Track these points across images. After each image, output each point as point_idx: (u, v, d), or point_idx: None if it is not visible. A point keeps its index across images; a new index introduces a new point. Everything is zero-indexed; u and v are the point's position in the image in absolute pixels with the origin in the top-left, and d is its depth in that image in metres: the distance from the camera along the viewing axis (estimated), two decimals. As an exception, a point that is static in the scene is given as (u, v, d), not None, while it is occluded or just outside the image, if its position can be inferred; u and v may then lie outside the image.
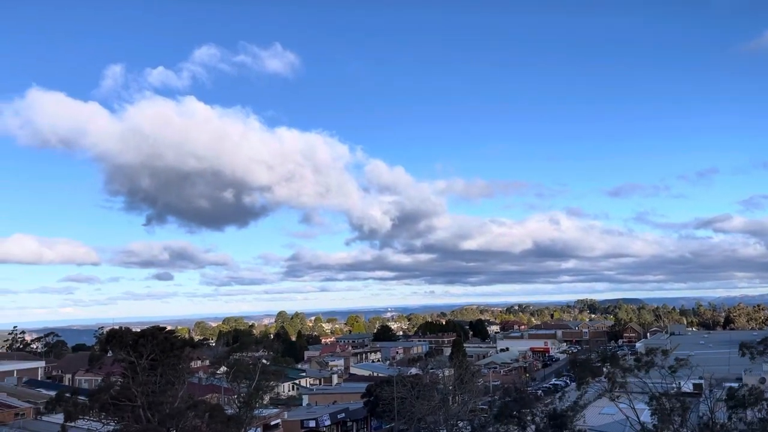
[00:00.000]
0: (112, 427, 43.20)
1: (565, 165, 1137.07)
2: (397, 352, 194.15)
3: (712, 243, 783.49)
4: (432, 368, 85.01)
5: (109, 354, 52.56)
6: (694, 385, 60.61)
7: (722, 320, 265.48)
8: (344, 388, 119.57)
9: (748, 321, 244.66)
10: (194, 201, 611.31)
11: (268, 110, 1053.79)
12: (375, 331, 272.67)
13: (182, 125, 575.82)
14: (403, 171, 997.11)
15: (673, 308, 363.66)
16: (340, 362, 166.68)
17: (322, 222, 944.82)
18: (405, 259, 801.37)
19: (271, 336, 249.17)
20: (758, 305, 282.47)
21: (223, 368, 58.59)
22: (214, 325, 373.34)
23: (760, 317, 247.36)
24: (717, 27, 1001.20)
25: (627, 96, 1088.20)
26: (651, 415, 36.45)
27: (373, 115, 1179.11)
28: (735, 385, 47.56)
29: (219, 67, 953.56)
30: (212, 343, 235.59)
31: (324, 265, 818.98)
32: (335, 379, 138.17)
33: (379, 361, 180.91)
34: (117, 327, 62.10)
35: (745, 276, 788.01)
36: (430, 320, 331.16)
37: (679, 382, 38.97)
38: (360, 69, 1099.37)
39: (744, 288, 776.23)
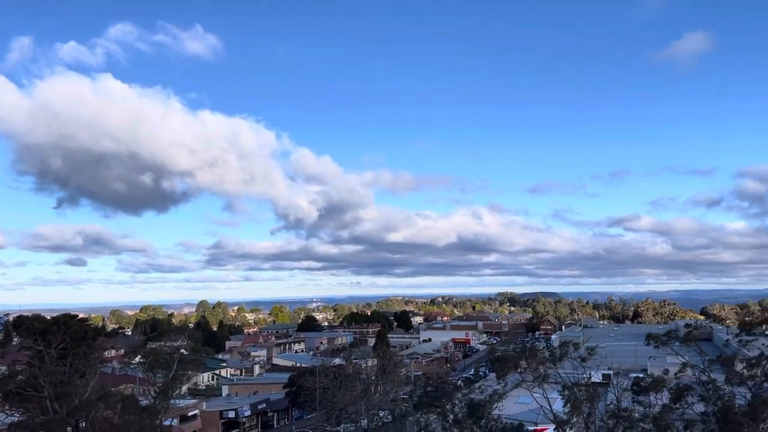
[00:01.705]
0: (17, 419, 40.89)
1: (487, 161, 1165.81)
2: (321, 343, 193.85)
3: (623, 241, 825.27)
4: (355, 358, 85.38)
5: (15, 342, 49.72)
6: (603, 375, 63.54)
7: (631, 314, 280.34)
8: (266, 378, 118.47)
9: (654, 315, 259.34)
10: (110, 184, 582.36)
11: (190, 92, 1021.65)
12: (300, 321, 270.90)
13: (97, 104, 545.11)
14: (330, 161, 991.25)
15: (587, 302, 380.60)
16: (263, 353, 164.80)
17: (247, 210, 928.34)
18: (332, 249, 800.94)
19: (192, 325, 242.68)
20: (664, 301, 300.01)
21: (139, 358, 56.67)
22: (130, 313, 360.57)
23: (666, 312, 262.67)
24: (631, 37, 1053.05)
25: (547, 98, 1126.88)
26: (563, 405, 37.90)
27: (300, 103, 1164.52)
28: (640, 374, 50.26)
29: (136, 45, 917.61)
30: (128, 332, 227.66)
31: (248, 254, 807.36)
32: (257, 369, 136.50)
33: (302, 351, 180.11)
34: (25, 314, 58.84)
35: (653, 273, 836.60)
36: (355, 311, 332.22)
37: (590, 373, 40.72)
38: (286, 55, 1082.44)
39: (652, 284, 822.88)
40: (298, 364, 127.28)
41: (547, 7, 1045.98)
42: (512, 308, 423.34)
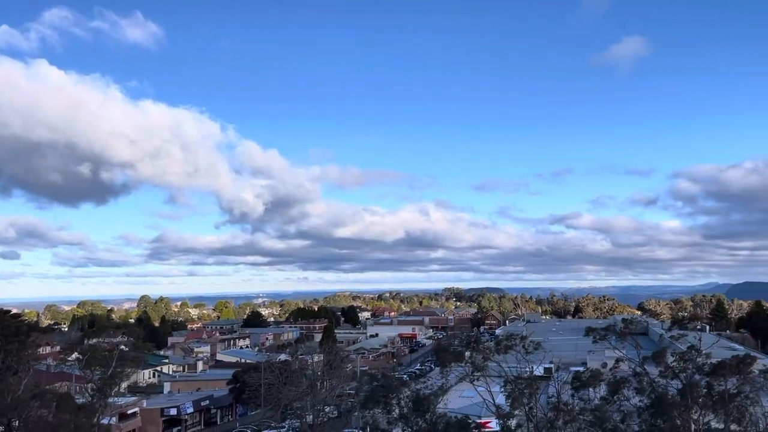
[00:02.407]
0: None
1: (435, 159, 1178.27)
2: (267, 339, 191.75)
3: (565, 238, 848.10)
4: (301, 354, 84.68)
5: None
6: (545, 368, 65.11)
7: (572, 309, 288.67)
8: (210, 374, 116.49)
9: (594, 310, 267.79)
10: (45, 174, 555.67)
11: (131, 81, 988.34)
12: (245, 317, 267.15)
13: (31, 91, 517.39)
14: (277, 154, 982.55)
15: (531, 297, 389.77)
16: (207, 349, 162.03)
17: (190, 203, 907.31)
18: (278, 244, 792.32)
19: (132, 321, 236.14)
20: (604, 296, 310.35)
21: (76, 355, 54.71)
22: (67, 308, 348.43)
23: (605, 307, 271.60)
24: (573, 40, 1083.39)
25: (492, 97, 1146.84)
26: (506, 398, 38.65)
27: (246, 95, 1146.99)
28: (580, 368, 51.77)
29: (72, 31, 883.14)
30: (65, 328, 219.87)
31: (191, 248, 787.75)
32: (200, 365, 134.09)
33: (248, 347, 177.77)
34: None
35: (593, 269, 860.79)
36: (302, 306, 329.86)
37: (532, 366, 41.67)
38: (230, 46, 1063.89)
39: (592, 280, 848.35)
40: (243, 360, 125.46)
41: (494, 9, 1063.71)
42: (458, 303, 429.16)
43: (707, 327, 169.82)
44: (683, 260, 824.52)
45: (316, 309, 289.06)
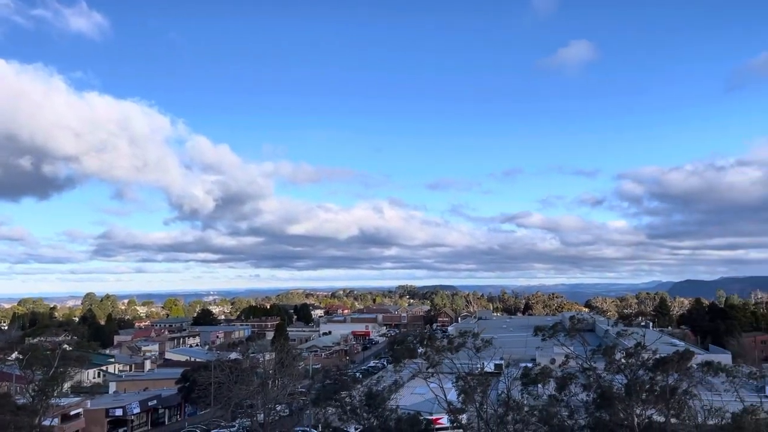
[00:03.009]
0: None
1: (389, 157, 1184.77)
2: (217, 337, 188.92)
3: (515, 236, 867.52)
4: (253, 352, 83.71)
5: None
6: (495, 365, 66.04)
7: (523, 306, 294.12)
8: (158, 374, 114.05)
9: (543, 307, 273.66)
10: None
11: (75, 72, 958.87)
12: (195, 315, 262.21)
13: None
14: (228, 149, 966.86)
15: (482, 295, 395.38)
16: (155, 347, 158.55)
17: (138, 198, 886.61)
18: (229, 241, 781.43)
19: (77, 319, 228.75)
20: (553, 294, 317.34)
21: (16, 354, 52.66)
22: (7, 306, 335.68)
23: (554, 304, 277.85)
24: (521, 42, 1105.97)
25: (445, 96, 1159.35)
26: (457, 394, 39.02)
27: (197, 89, 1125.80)
28: (529, 364, 52.75)
29: (13, 19, 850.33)
30: (5, 326, 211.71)
31: (140, 244, 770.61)
32: (148, 364, 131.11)
33: (198, 345, 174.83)
34: None
35: (542, 267, 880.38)
36: (254, 304, 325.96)
37: (483, 363, 42.19)
38: (179, 38, 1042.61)
39: (542, 278, 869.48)
40: (193, 359, 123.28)
41: (445, 8, 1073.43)
42: (412, 301, 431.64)
43: (651, 324, 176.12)
44: (629, 259, 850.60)
45: (268, 307, 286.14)
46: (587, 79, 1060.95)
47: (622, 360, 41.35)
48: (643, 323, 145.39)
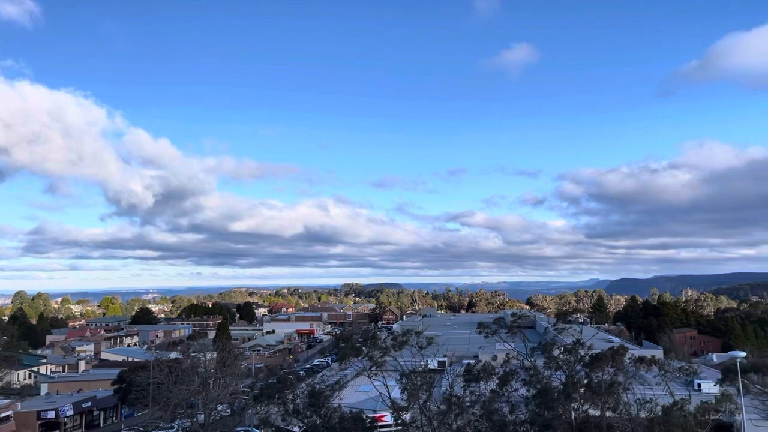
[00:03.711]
0: None
1: (334, 154, 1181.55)
2: (157, 336, 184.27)
3: (460, 235, 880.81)
4: (194, 352, 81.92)
5: None
6: (439, 362, 66.84)
7: (466, 304, 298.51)
8: (93, 375, 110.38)
9: (486, 305, 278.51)
10: None
11: (6, 59, 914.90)
12: (133, 313, 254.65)
13: None
14: (168, 144, 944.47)
15: (427, 293, 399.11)
16: (90, 347, 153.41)
17: (73, 193, 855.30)
18: (170, 238, 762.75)
19: (6, 318, 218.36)
20: (495, 291, 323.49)
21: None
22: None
23: (497, 302, 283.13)
24: (464, 44, 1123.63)
25: (391, 95, 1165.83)
26: (401, 392, 39.17)
27: (135, 80, 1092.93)
28: (472, 361, 53.49)
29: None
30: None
31: (74, 241, 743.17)
32: (83, 365, 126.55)
33: (136, 345, 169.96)
34: None
35: (486, 265, 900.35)
36: (195, 303, 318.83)
37: (427, 360, 42.53)
38: (117, 28, 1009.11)
39: (485, 276, 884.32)
40: (131, 359, 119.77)
41: (390, 8, 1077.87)
42: (357, 299, 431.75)
43: (588, 320, 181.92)
44: (568, 258, 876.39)
45: (210, 305, 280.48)
46: (529, 82, 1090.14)
47: (561, 356, 42.45)
48: (581, 320, 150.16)
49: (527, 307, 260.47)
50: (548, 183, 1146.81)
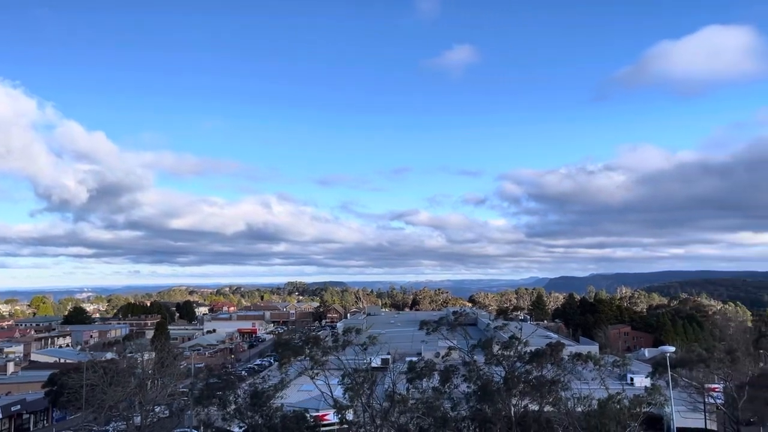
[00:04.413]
0: None
1: (277, 150, 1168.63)
2: (91, 336, 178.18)
3: (404, 234, 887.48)
4: (130, 352, 79.55)
5: None
6: (382, 360, 66.98)
7: (410, 302, 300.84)
8: (22, 377, 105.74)
9: (430, 303, 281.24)
10: None
11: None
12: (66, 313, 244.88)
13: None
14: (104, 137, 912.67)
15: (372, 291, 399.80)
16: (19, 348, 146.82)
17: (0, 188, 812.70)
18: (105, 235, 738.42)
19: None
20: (439, 289, 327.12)
21: None
22: None
23: (440, 300, 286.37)
24: (407, 44, 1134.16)
25: (331, 93, 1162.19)
26: (344, 391, 39.07)
27: (68, 70, 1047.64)
28: (415, 359, 53.88)
29: None
30: None
31: (2, 237, 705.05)
32: (11, 367, 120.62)
33: (69, 346, 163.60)
34: None
35: (430, 264, 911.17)
36: (133, 302, 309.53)
37: (370, 358, 42.54)
38: (48, 15, 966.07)
39: (429, 274, 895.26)
40: (63, 360, 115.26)
41: (332, 6, 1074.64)
42: (301, 297, 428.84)
43: (528, 317, 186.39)
44: (509, 256, 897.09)
45: (148, 304, 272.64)
46: (471, 82, 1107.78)
47: (500, 352, 43.29)
48: (521, 317, 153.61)
49: (470, 304, 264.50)
50: (490, 183, 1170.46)
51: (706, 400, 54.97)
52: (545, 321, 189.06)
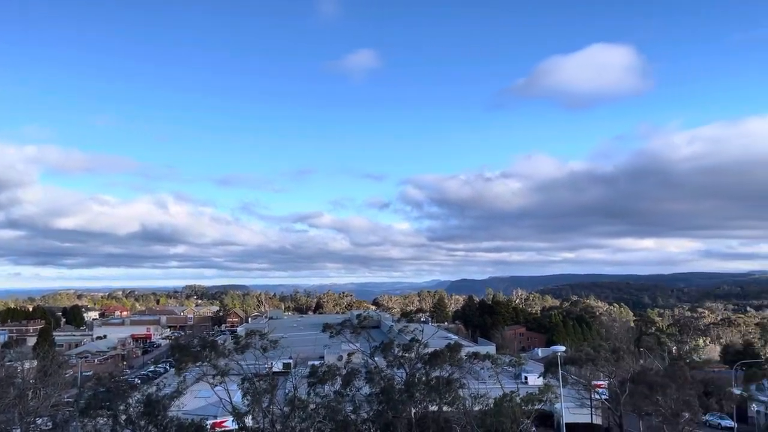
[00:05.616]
0: None
1: (174, 148, 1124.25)
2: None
3: (308, 236, 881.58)
4: (10, 361, 74.03)
5: None
6: (284, 364, 66.07)
7: (314, 305, 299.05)
8: None
9: (334, 306, 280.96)
10: None
11: None
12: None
13: None
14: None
15: (275, 294, 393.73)
16: None
17: None
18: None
19: None
20: (343, 292, 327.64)
21: None
22: None
23: (344, 302, 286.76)
24: (308, 46, 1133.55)
25: (235, 91, 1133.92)
26: (243, 396, 38.16)
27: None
28: (318, 362, 53.56)
29: None
30: None
31: None
32: None
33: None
34: None
35: (334, 266, 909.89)
36: (13, 306, 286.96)
37: (272, 363, 41.83)
38: None
39: (333, 277, 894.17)
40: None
41: (231, 6, 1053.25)
42: (200, 301, 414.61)
43: (430, 319, 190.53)
44: (412, 259, 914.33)
45: (30, 309, 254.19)
46: (373, 86, 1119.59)
47: (400, 354, 43.90)
48: (423, 319, 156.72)
49: (374, 307, 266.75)
50: (393, 187, 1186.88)
51: (593, 396, 58.44)
52: (446, 323, 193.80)
